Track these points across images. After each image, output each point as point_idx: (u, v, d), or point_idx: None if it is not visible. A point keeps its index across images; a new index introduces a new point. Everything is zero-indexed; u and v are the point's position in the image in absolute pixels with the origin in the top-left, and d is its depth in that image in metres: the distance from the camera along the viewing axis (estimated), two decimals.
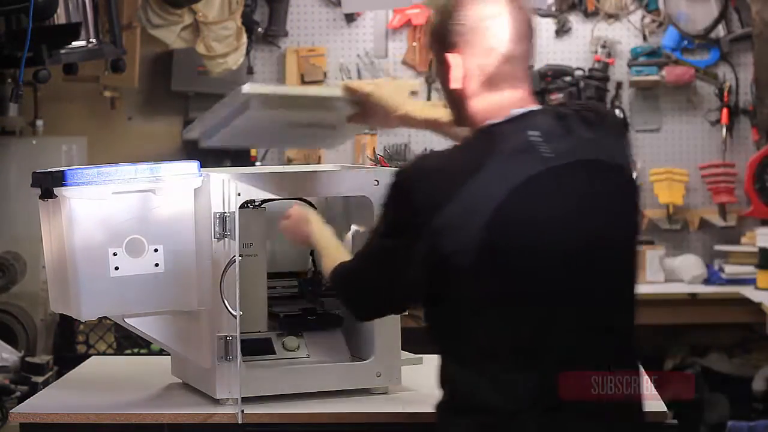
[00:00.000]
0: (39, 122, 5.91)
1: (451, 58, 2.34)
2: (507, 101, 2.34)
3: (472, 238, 2.23)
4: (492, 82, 2.34)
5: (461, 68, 2.34)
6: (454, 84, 2.35)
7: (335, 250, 2.66)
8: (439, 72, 2.40)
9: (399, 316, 2.86)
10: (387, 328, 2.88)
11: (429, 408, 2.51)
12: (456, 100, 2.38)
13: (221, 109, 2.73)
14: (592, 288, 2.31)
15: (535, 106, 2.36)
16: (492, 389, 2.27)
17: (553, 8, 6.11)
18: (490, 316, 2.27)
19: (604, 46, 6.10)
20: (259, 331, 2.93)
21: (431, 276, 2.29)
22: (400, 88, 2.77)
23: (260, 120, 2.77)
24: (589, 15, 6.15)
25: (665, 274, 5.91)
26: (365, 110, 2.77)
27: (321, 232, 2.73)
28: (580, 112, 2.36)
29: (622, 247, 2.37)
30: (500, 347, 2.28)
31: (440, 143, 2.67)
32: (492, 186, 2.24)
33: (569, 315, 2.29)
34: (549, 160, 2.27)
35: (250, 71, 6.10)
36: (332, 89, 2.84)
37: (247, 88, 2.69)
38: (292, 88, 2.91)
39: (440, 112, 2.71)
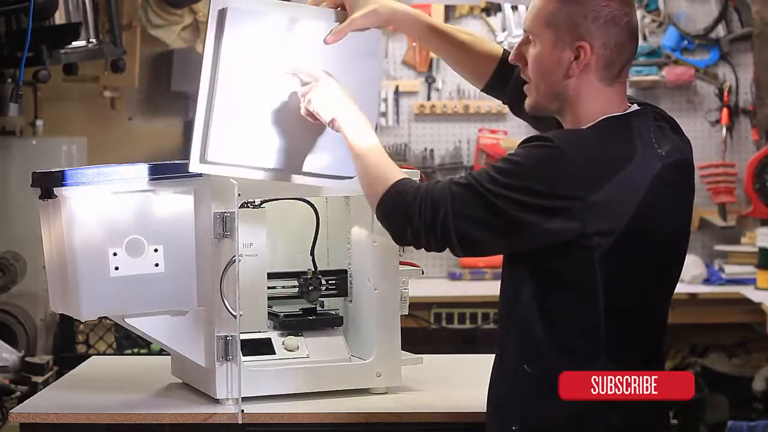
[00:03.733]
0: (39, 122, 5.90)
1: (579, 47, 2.36)
2: (618, 97, 2.41)
3: (619, 221, 2.30)
4: (609, 76, 2.39)
5: (585, 58, 2.36)
6: (573, 72, 2.37)
7: (379, 152, 2.49)
8: (550, 57, 2.38)
9: (399, 317, 2.88)
10: (387, 328, 2.88)
11: (429, 408, 2.51)
12: (565, 89, 2.39)
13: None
14: (675, 281, 2.48)
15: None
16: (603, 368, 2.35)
17: None
18: (613, 297, 2.33)
19: None
20: (259, 331, 2.93)
21: (551, 246, 2.31)
22: None
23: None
24: None
25: None
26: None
27: (353, 119, 2.55)
28: (660, 113, 2.47)
29: (687, 242, 2.50)
30: (615, 327, 2.35)
31: (441, 139, 2.65)
32: (641, 174, 2.33)
33: (666, 306, 2.46)
34: (663, 157, 2.37)
35: None
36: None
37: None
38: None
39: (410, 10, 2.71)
